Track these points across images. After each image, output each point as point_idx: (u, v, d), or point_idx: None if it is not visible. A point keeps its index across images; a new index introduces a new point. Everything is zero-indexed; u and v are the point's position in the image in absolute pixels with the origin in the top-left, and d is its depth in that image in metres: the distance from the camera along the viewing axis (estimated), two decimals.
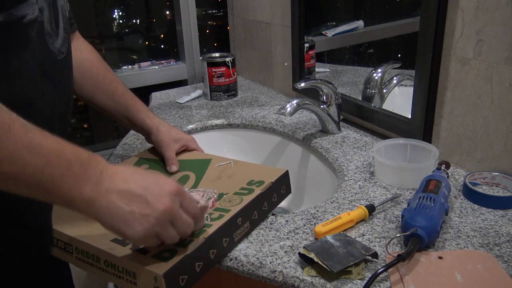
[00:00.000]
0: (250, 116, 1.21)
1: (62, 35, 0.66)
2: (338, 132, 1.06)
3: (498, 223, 0.69)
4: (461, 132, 0.83)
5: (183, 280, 0.55)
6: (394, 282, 0.57)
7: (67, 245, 0.64)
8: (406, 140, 0.87)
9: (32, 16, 0.57)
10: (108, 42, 1.64)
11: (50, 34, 0.63)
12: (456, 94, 0.82)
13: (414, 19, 0.87)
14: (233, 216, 0.64)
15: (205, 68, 1.34)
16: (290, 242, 0.66)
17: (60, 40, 0.66)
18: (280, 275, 0.60)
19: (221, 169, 0.80)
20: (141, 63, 1.57)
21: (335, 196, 0.79)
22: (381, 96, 1.06)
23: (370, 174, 0.86)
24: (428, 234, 0.61)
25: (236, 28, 1.59)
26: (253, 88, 1.48)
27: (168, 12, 1.69)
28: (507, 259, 0.60)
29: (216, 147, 1.14)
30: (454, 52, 0.81)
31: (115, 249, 0.58)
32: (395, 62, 1.07)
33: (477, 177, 0.79)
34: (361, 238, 0.66)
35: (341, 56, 1.30)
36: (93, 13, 1.61)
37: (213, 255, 0.61)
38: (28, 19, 0.56)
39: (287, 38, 1.28)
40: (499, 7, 0.72)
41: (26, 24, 0.56)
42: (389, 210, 0.74)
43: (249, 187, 0.71)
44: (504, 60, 0.73)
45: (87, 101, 0.85)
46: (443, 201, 0.68)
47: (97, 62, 0.85)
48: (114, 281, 0.58)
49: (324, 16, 1.29)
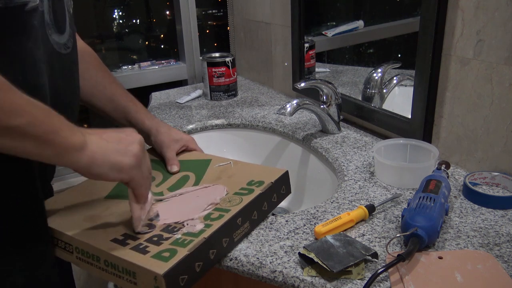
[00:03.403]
0: (250, 116, 1.21)
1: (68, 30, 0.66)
2: (338, 132, 1.06)
3: (498, 223, 0.69)
4: (461, 132, 0.83)
5: (183, 280, 0.55)
6: (394, 282, 0.57)
7: (67, 244, 0.64)
8: (406, 140, 0.87)
9: (33, 4, 0.57)
10: (108, 42, 1.64)
11: (49, 25, 0.63)
12: (456, 94, 0.82)
13: (414, 19, 0.87)
14: (233, 216, 0.64)
15: (205, 68, 1.34)
16: (290, 242, 0.66)
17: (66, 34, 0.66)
18: (280, 275, 0.60)
19: (221, 169, 0.80)
20: (141, 63, 1.57)
21: (335, 196, 0.79)
22: (381, 96, 1.06)
23: (370, 174, 0.86)
24: (428, 234, 0.61)
25: (236, 28, 1.59)
26: (253, 88, 1.48)
27: (168, 12, 1.69)
28: (507, 259, 0.60)
29: (216, 147, 1.14)
30: (454, 52, 0.81)
31: (115, 249, 0.58)
32: (395, 62, 1.07)
33: (477, 177, 0.79)
34: (361, 238, 0.67)
35: (341, 56, 1.30)
36: (93, 13, 1.61)
37: (213, 255, 0.61)
38: (30, 7, 0.56)
39: (287, 38, 1.28)
40: (499, 7, 0.72)
41: (28, 12, 0.56)
42: (389, 210, 0.74)
43: (249, 187, 0.71)
44: (504, 60, 0.73)
45: (85, 102, 0.85)
46: (443, 201, 0.68)
47: (96, 64, 0.85)
48: (114, 280, 0.59)
49: (324, 16, 1.29)
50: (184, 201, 0.71)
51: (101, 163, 0.56)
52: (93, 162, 0.55)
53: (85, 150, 0.55)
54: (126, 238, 0.61)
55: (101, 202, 0.71)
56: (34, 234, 0.65)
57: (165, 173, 0.82)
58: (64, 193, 0.76)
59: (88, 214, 0.68)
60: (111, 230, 0.63)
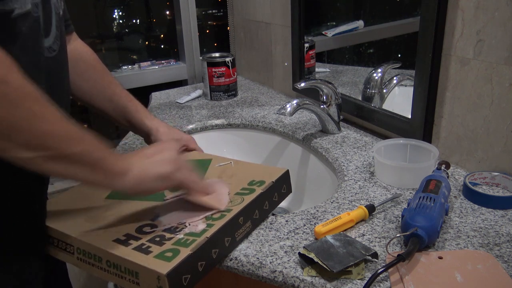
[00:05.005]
0: (250, 116, 1.21)
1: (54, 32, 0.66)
2: (338, 132, 1.06)
3: (498, 223, 0.69)
4: (461, 132, 0.83)
5: (186, 279, 0.55)
6: (394, 282, 0.57)
7: (68, 245, 0.64)
8: (406, 140, 0.87)
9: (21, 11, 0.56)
10: (108, 42, 1.64)
11: (43, 30, 0.63)
12: (456, 94, 0.83)
13: (414, 19, 0.87)
14: (234, 216, 0.64)
15: (205, 68, 1.34)
16: (290, 242, 0.66)
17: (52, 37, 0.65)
18: (280, 275, 0.61)
19: (222, 169, 0.80)
20: (141, 63, 1.57)
21: (335, 196, 0.79)
22: (381, 96, 1.06)
23: (370, 174, 0.86)
24: (428, 234, 0.61)
25: (236, 28, 1.59)
26: (253, 88, 1.48)
27: (168, 12, 1.69)
28: (507, 259, 0.61)
29: (216, 147, 1.14)
30: (454, 52, 0.81)
31: (118, 249, 0.58)
32: (395, 62, 1.07)
33: (477, 177, 0.79)
34: (361, 238, 0.67)
35: (341, 56, 1.30)
36: (93, 13, 1.61)
37: (215, 254, 0.61)
38: (17, 13, 0.56)
39: (287, 38, 1.28)
40: (499, 7, 0.72)
41: (15, 19, 0.56)
42: (389, 210, 0.74)
43: (250, 187, 0.71)
44: (504, 60, 0.73)
45: (85, 103, 0.85)
46: (443, 201, 0.68)
47: (95, 64, 0.85)
48: (116, 281, 0.59)
49: (324, 16, 1.29)
50: (186, 202, 0.71)
51: (146, 179, 0.60)
52: (140, 181, 0.59)
53: (130, 172, 0.58)
54: (128, 238, 0.61)
55: (102, 202, 0.71)
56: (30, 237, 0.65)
57: None
58: (65, 193, 0.76)
59: (89, 215, 0.68)
60: (113, 230, 0.63)
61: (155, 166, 0.61)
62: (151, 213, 0.68)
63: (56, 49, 0.67)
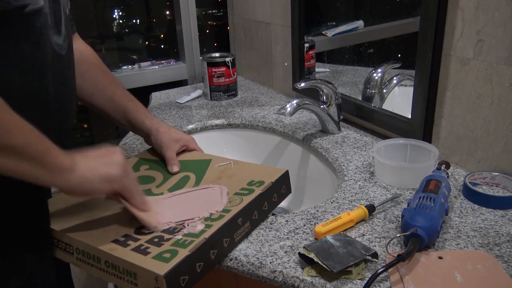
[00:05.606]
0: (250, 116, 1.21)
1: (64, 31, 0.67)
2: (338, 132, 1.06)
3: (498, 223, 0.69)
4: (461, 132, 0.83)
5: (184, 280, 0.55)
6: (394, 282, 0.57)
7: (67, 245, 0.64)
8: (406, 140, 0.87)
9: (35, 7, 0.57)
10: (108, 42, 1.64)
11: (52, 27, 0.63)
12: (456, 94, 0.83)
13: (414, 19, 0.87)
14: (233, 216, 0.64)
15: (205, 68, 1.34)
16: (290, 242, 0.66)
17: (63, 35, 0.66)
18: (280, 275, 0.60)
19: (221, 169, 0.80)
20: (141, 63, 1.57)
21: (335, 196, 0.79)
22: (381, 96, 1.06)
23: (370, 174, 0.86)
24: (428, 234, 0.61)
25: (236, 28, 1.59)
26: (253, 88, 1.48)
27: (168, 12, 1.69)
28: (507, 259, 0.61)
29: (216, 147, 1.14)
30: (454, 52, 0.81)
31: (116, 250, 0.58)
32: (395, 62, 1.07)
33: (477, 177, 0.79)
34: (361, 238, 0.67)
35: (341, 56, 1.30)
36: (93, 13, 1.61)
37: (213, 255, 0.61)
38: (30, 9, 0.56)
39: (287, 38, 1.28)
40: (499, 7, 0.72)
41: (28, 14, 0.56)
42: (389, 210, 0.74)
43: (249, 188, 0.71)
44: (504, 60, 0.73)
45: (86, 102, 0.85)
46: (443, 201, 0.68)
47: (96, 64, 0.85)
48: (114, 281, 0.59)
49: (324, 16, 1.29)
50: (185, 202, 0.71)
51: (91, 178, 0.58)
52: (84, 179, 0.57)
53: (75, 169, 0.56)
54: (127, 239, 0.61)
55: (101, 203, 0.71)
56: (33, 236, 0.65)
57: (166, 174, 0.82)
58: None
59: (88, 215, 0.68)
60: (112, 231, 0.63)
61: (103, 166, 0.60)
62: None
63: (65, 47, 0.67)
